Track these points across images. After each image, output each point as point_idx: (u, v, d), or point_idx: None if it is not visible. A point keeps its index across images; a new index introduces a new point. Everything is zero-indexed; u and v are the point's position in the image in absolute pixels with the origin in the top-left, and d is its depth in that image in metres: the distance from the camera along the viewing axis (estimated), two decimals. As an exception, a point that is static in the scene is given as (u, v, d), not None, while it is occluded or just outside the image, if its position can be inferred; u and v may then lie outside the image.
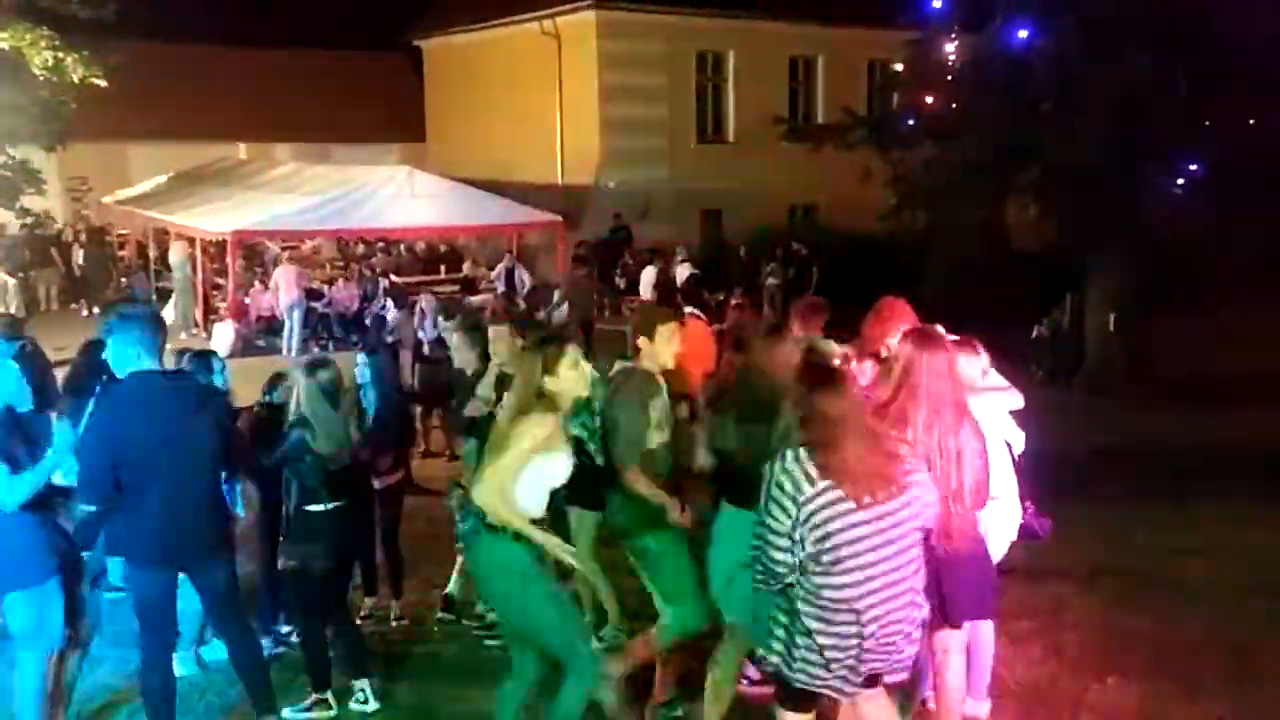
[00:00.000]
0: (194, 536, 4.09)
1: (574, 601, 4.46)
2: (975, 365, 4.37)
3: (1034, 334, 13.28)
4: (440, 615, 5.70)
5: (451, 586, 5.70)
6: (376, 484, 5.51)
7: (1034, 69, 11.54)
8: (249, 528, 5.30)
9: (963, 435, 3.79)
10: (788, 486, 3.31)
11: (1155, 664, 4.99)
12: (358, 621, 5.42)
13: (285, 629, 5.34)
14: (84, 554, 4.43)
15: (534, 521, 3.76)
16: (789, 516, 3.30)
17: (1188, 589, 5.97)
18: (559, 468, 3.79)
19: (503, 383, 4.93)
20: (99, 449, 3.98)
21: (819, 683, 3.38)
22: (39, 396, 7.25)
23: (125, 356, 4.02)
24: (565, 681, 3.80)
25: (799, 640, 3.37)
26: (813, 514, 3.29)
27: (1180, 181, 11.58)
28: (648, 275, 17.42)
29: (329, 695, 4.67)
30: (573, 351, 3.84)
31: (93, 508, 4.07)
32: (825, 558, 3.30)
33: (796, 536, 3.31)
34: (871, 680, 3.45)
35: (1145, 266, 12.62)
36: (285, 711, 4.59)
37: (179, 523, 4.04)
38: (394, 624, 5.70)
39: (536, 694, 4.02)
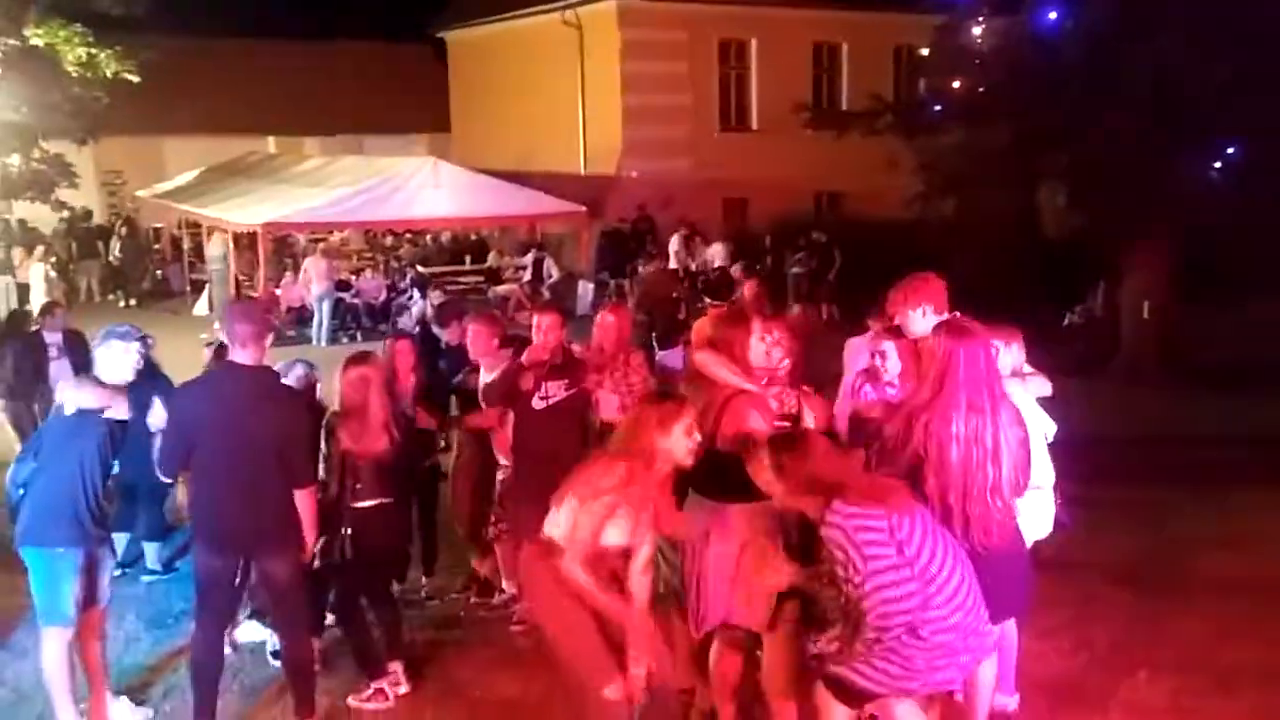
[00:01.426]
0: (255, 525, 4.17)
1: None
2: (1009, 356, 4.32)
3: (1065, 322, 13.15)
4: (468, 598, 5.76)
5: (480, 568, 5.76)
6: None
7: (1065, 52, 11.36)
8: None
9: (1001, 426, 3.73)
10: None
11: (1187, 657, 4.93)
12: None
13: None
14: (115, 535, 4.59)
15: None
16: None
17: (1221, 580, 5.89)
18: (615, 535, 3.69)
19: None
20: (173, 430, 4.27)
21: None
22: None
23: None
24: None
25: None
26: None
27: (1216, 166, 11.38)
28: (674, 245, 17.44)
29: (384, 684, 4.68)
30: (689, 416, 3.77)
31: (169, 480, 4.48)
32: None
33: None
34: None
35: (1180, 253, 12.42)
36: (350, 700, 4.65)
37: (240, 510, 4.15)
38: (426, 603, 5.78)
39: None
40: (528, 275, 17.60)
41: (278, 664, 4.92)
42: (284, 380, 5.08)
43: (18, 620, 5.60)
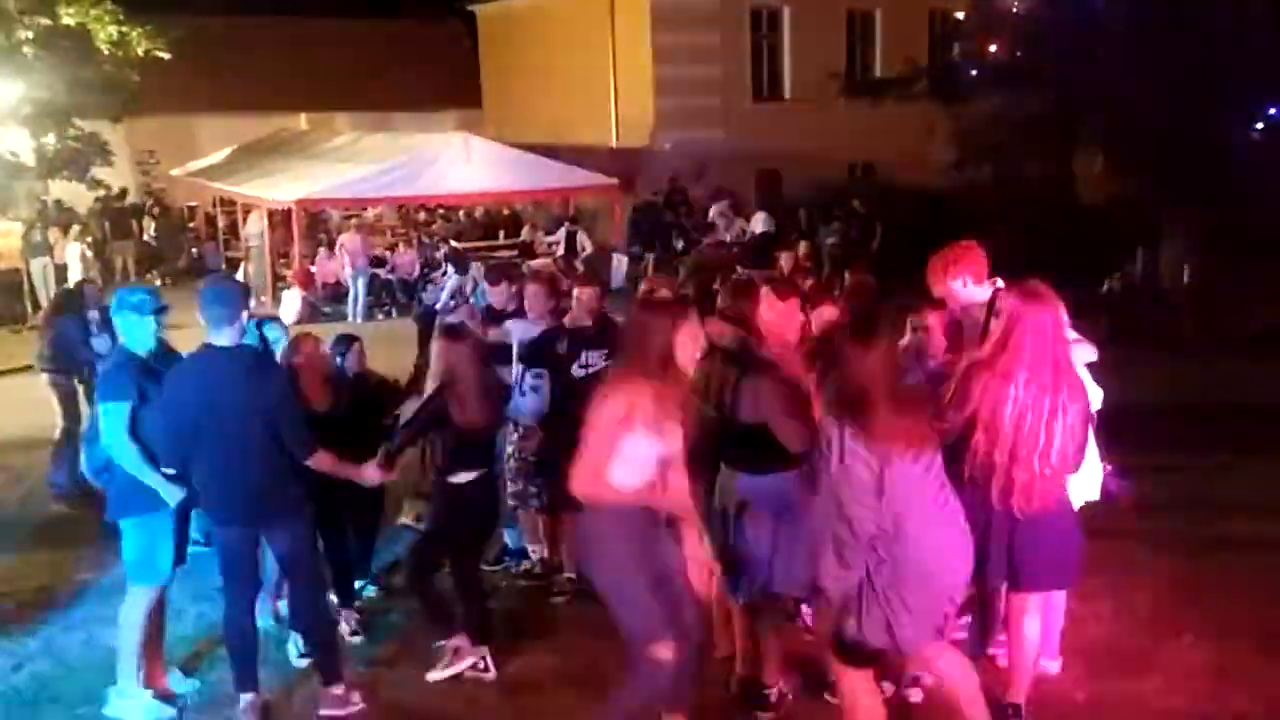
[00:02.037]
0: (258, 499, 4.22)
1: None
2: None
3: (1104, 289, 12.97)
4: (505, 568, 5.82)
5: (508, 539, 5.81)
6: None
7: (1103, 15, 11.16)
8: None
9: (1061, 396, 3.70)
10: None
11: (1229, 622, 4.90)
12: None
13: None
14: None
15: None
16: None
17: (1262, 546, 5.84)
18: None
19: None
20: (167, 417, 4.25)
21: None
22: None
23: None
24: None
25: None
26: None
27: (1259, 127, 11.15)
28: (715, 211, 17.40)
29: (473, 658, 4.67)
30: (693, 317, 3.71)
31: (172, 470, 4.33)
32: None
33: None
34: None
35: (1221, 218, 12.20)
36: (430, 675, 4.67)
37: (242, 486, 4.19)
38: None
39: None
40: (560, 250, 17.62)
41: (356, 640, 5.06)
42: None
43: (61, 596, 5.75)
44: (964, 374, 3.78)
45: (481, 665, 4.66)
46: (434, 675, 4.65)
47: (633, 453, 3.52)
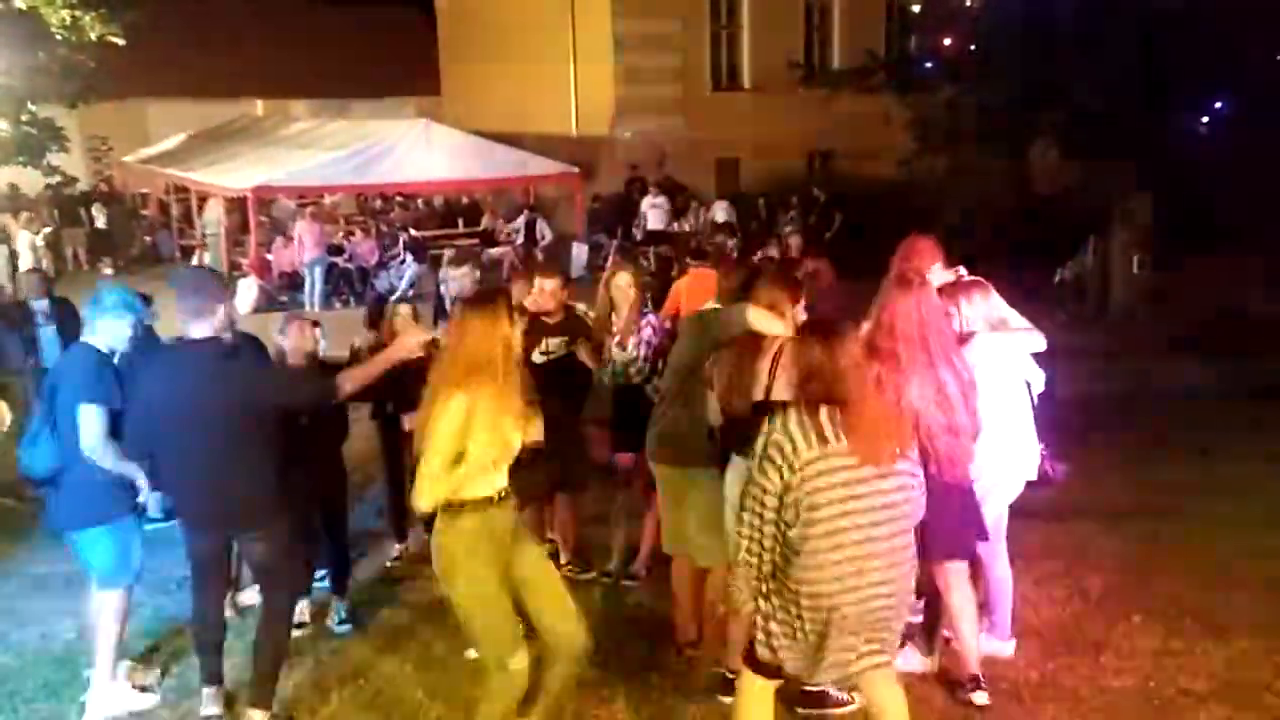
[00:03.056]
0: (232, 505, 4.02)
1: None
2: (983, 305, 4.37)
3: (1057, 278, 13.20)
4: None
5: None
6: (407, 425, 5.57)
7: (1055, 7, 11.33)
8: None
9: (939, 371, 3.90)
10: (786, 448, 3.28)
11: (1179, 603, 5.04)
12: (388, 564, 5.84)
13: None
14: None
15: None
16: (781, 479, 3.28)
17: (1213, 529, 6.00)
18: None
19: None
20: (135, 415, 4.09)
21: (779, 661, 3.43)
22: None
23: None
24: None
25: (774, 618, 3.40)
26: (807, 479, 3.25)
27: (1205, 120, 11.40)
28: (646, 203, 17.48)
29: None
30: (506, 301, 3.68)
31: (136, 461, 4.23)
32: (812, 530, 3.25)
33: (788, 500, 3.28)
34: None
35: (1170, 208, 12.47)
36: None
37: (215, 490, 3.99)
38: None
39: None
40: (520, 238, 17.57)
41: (343, 629, 5.07)
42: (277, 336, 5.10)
43: (13, 591, 5.68)
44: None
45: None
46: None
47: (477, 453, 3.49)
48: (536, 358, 5.16)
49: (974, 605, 4.24)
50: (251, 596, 5.25)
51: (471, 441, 3.45)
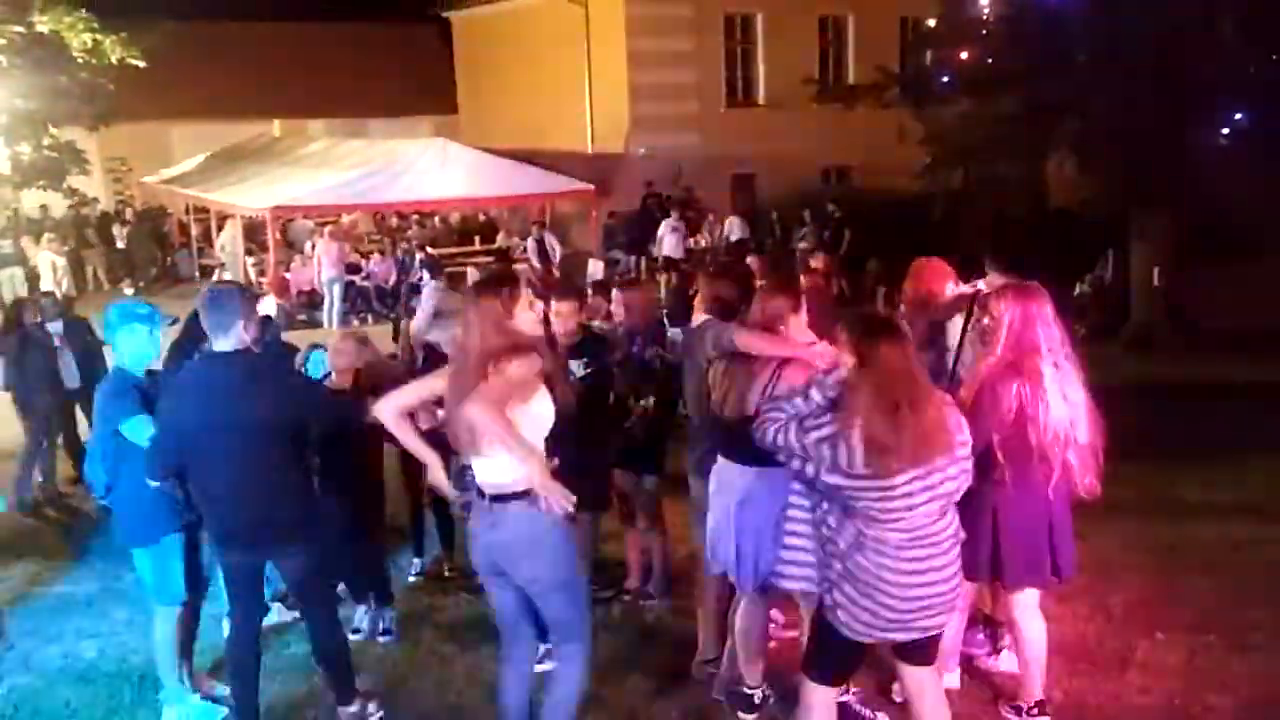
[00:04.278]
0: (262, 522, 3.95)
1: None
2: None
3: (1076, 291, 13.13)
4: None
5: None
6: None
7: (1071, 19, 11.31)
8: None
9: (1074, 382, 3.84)
10: (842, 450, 3.25)
11: (1204, 619, 4.98)
12: (410, 579, 5.87)
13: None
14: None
15: None
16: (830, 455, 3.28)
17: (1235, 543, 5.94)
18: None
19: None
20: (162, 431, 4.04)
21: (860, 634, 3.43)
22: (90, 371, 7.51)
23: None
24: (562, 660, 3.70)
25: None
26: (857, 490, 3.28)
27: (1225, 131, 11.33)
28: (664, 228, 17.48)
29: None
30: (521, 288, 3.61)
31: (156, 483, 4.14)
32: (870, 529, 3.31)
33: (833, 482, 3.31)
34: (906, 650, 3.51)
35: (1189, 219, 12.39)
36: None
37: (244, 508, 3.94)
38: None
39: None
40: (533, 257, 17.63)
41: (385, 639, 5.09)
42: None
43: (38, 609, 5.72)
44: (989, 380, 3.81)
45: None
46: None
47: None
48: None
49: (1044, 628, 4.15)
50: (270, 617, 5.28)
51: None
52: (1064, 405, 3.76)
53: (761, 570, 3.93)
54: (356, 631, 5.10)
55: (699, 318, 4.49)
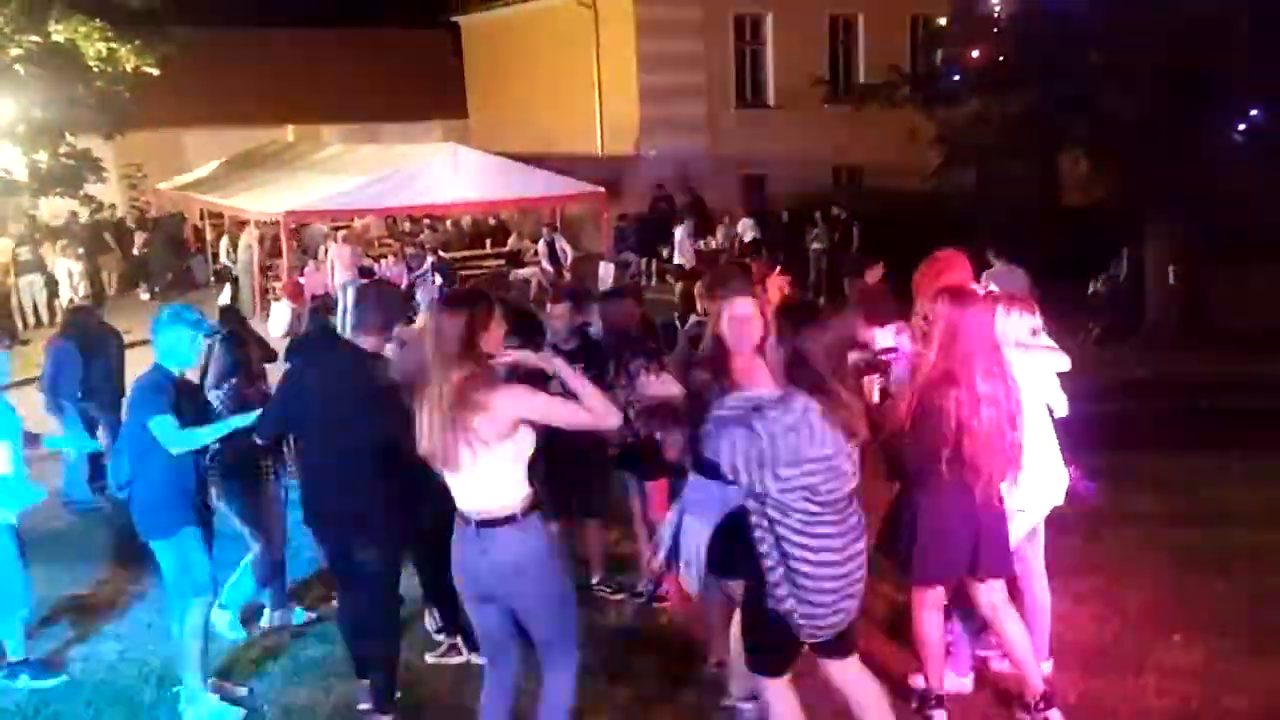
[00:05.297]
0: (337, 508, 4.17)
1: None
2: (1027, 324, 4.33)
3: (1090, 290, 13.06)
4: None
5: None
6: None
7: (1084, 17, 11.25)
8: None
9: (1011, 388, 3.87)
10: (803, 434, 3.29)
11: (1221, 621, 4.96)
12: None
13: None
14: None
15: None
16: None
17: (1252, 545, 5.89)
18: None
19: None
20: (276, 400, 4.40)
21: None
22: (112, 373, 7.59)
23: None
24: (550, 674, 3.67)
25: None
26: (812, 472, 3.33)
27: (1240, 129, 11.26)
28: (680, 235, 17.48)
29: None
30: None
31: (262, 442, 4.54)
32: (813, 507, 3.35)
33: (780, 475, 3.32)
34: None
35: (1204, 218, 12.31)
36: (428, 657, 4.86)
37: (325, 492, 4.20)
38: None
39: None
40: (544, 260, 17.67)
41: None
42: None
43: (58, 614, 5.76)
44: (927, 395, 3.84)
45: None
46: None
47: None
48: (553, 387, 5.15)
49: (1023, 626, 4.15)
50: (282, 617, 5.32)
51: None
52: (998, 413, 3.80)
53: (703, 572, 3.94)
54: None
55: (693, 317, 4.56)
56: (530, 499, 3.48)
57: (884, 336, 4.87)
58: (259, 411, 4.49)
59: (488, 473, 3.38)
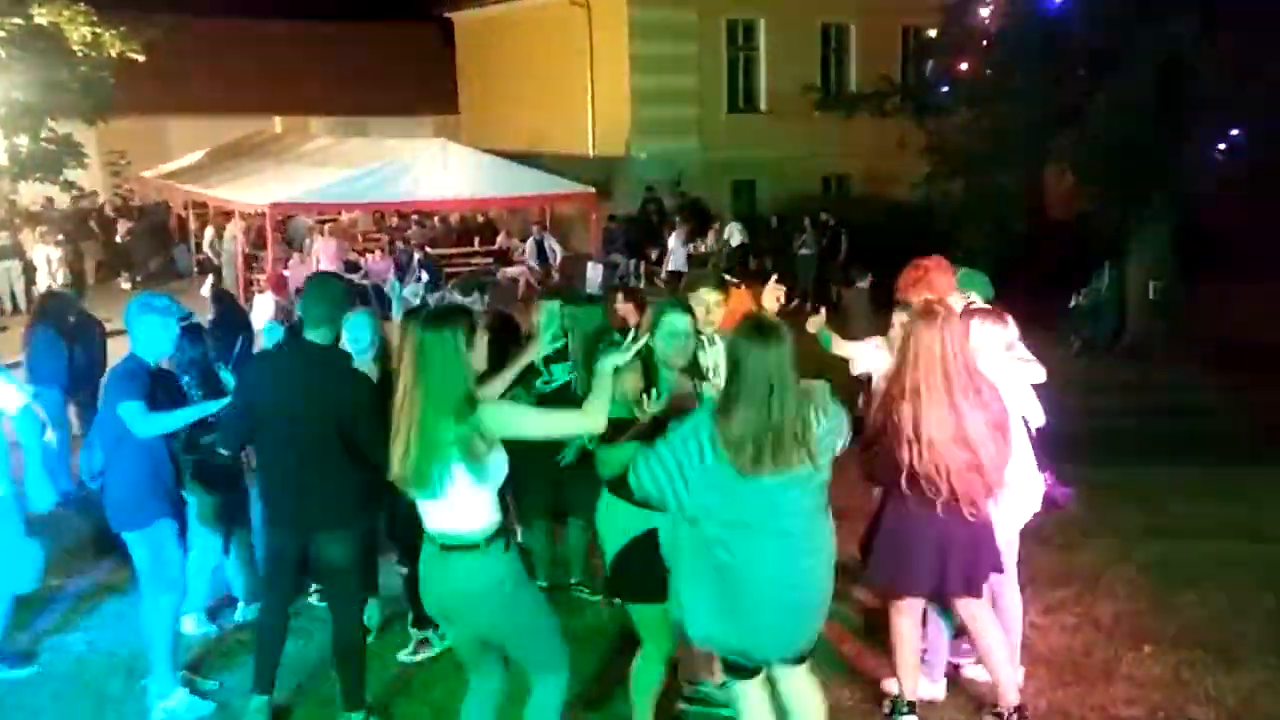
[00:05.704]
0: (308, 505, 4.10)
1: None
2: (1001, 336, 4.35)
3: (1072, 303, 13.16)
4: None
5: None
6: None
7: (1072, 33, 11.35)
8: None
9: (973, 407, 3.85)
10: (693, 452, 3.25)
11: (1191, 633, 5.00)
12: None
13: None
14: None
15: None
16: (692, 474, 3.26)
17: (1225, 558, 5.94)
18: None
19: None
20: (237, 400, 4.30)
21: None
22: (94, 362, 7.53)
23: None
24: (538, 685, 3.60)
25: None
26: (711, 485, 3.25)
27: (1222, 147, 11.37)
28: (674, 241, 17.49)
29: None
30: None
31: (228, 453, 4.63)
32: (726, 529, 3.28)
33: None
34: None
35: (1186, 234, 12.43)
36: (400, 655, 4.88)
37: (294, 490, 4.11)
38: None
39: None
40: (532, 260, 17.66)
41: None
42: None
43: (34, 605, 5.70)
44: (891, 409, 3.87)
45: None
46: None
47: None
48: (540, 386, 5.17)
49: (1002, 634, 4.16)
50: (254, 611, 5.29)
51: None
52: (955, 431, 3.78)
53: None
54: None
55: None
56: (498, 526, 3.37)
57: (864, 350, 4.90)
58: (227, 399, 4.42)
59: (457, 494, 3.29)
